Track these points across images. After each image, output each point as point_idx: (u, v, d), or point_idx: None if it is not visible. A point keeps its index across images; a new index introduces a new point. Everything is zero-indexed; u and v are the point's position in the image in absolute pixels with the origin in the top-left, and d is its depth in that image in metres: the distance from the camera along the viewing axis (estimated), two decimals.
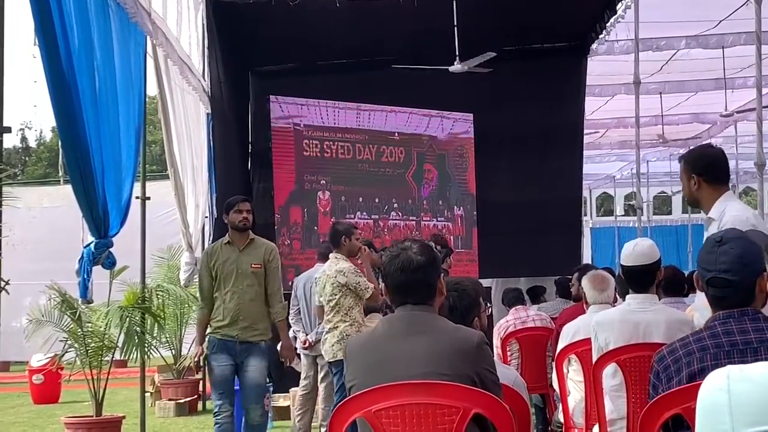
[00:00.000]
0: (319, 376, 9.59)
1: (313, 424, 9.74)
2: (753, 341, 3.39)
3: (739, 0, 11.48)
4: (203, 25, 11.63)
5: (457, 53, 12.06)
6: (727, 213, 4.83)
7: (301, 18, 11.60)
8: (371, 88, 13.64)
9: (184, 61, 10.47)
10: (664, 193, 32.35)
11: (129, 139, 8.27)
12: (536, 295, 11.37)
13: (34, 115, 67.94)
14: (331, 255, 8.79)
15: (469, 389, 3.70)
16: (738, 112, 17.64)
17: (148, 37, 8.89)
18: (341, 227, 8.99)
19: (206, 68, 11.69)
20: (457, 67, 12.18)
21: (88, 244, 7.61)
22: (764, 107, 9.45)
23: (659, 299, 5.97)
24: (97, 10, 7.50)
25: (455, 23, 11.72)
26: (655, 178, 28.58)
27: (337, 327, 8.39)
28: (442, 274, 4.14)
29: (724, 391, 2.35)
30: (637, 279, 5.67)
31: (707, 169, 5.06)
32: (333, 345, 8.37)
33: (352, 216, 13.12)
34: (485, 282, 12.42)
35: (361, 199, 13.61)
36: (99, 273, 7.81)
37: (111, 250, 7.65)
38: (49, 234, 19.09)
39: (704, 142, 23.03)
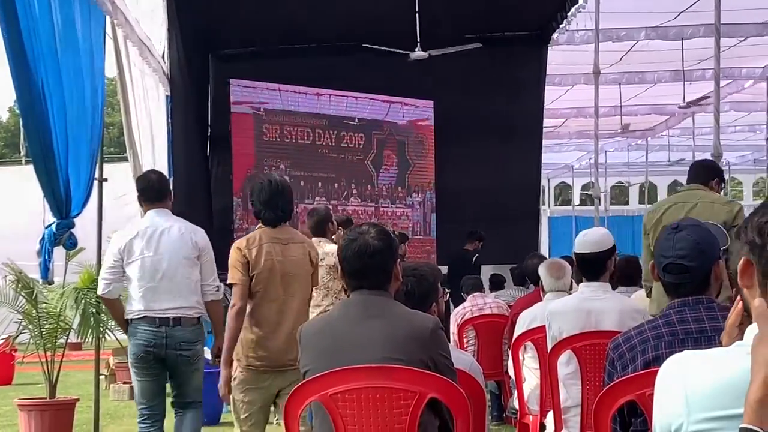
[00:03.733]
0: None
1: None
2: (707, 329, 3.42)
3: None
4: (164, 6, 11.54)
5: (418, 40, 12.07)
6: None
7: (262, 2, 11.55)
8: (332, 74, 13.61)
9: (143, 42, 10.33)
10: (622, 183, 32.57)
11: (90, 120, 8.18)
12: (496, 283, 11.40)
13: None
14: (313, 239, 8.76)
15: (425, 374, 3.70)
16: (696, 104, 17.77)
17: (107, 17, 8.81)
18: (324, 212, 8.91)
19: (166, 50, 11.60)
20: (418, 53, 12.18)
21: (50, 225, 7.54)
22: (722, 99, 9.54)
23: (614, 288, 6.02)
24: None
25: (417, 9, 11.73)
26: (613, 168, 28.74)
27: (328, 311, 8.29)
28: (399, 260, 4.15)
29: (679, 375, 2.37)
30: (588, 266, 5.71)
31: None
32: None
33: (311, 201, 13.12)
34: (444, 269, 12.44)
35: (320, 184, 13.61)
36: (55, 254, 7.74)
37: (72, 230, 7.58)
38: (7, 215, 18.93)
39: (662, 133, 23.24)
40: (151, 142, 10.92)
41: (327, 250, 8.45)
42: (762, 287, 2.34)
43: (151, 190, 6.89)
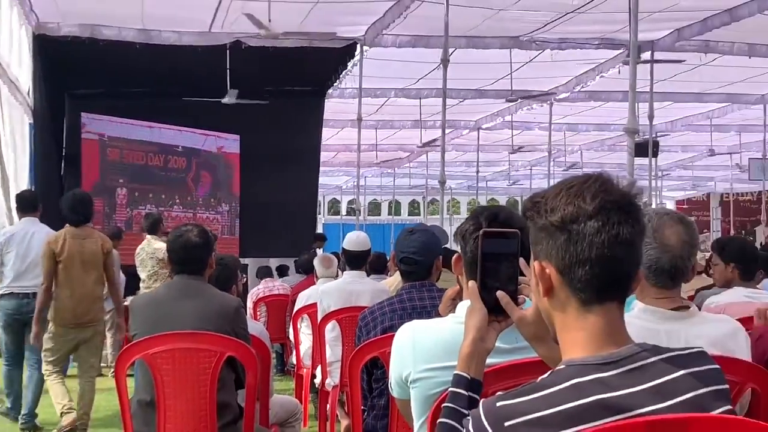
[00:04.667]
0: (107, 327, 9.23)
1: (102, 364, 9.36)
2: (428, 306, 3.52)
3: (432, 65, 11.83)
4: (29, 55, 11.07)
5: (228, 88, 11.98)
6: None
7: (108, 54, 11.18)
8: (161, 112, 13.28)
9: (12, 81, 10.02)
10: (376, 200, 33.07)
11: None
12: (282, 271, 11.38)
13: None
14: (148, 236, 8.79)
15: (224, 337, 3.67)
16: (429, 145, 18.24)
17: None
18: (157, 216, 9.29)
19: (31, 89, 11.14)
20: (228, 99, 12.08)
21: None
22: (447, 143, 9.79)
23: (368, 275, 6.11)
24: None
25: (228, 66, 11.63)
26: (370, 189, 29.19)
27: None
28: (213, 253, 4.11)
29: (410, 338, 2.41)
30: (354, 260, 5.79)
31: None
32: None
33: (143, 207, 12.83)
34: (244, 260, 12.35)
35: (150, 195, 13.29)
36: None
37: None
38: None
39: (405, 165, 23.65)
40: (14, 162, 10.44)
41: (157, 246, 8.41)
42: (468, 274, 2.42)
43: (26, 203, 7.15)
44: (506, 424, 1.54)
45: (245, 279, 10.87)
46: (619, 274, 1.61)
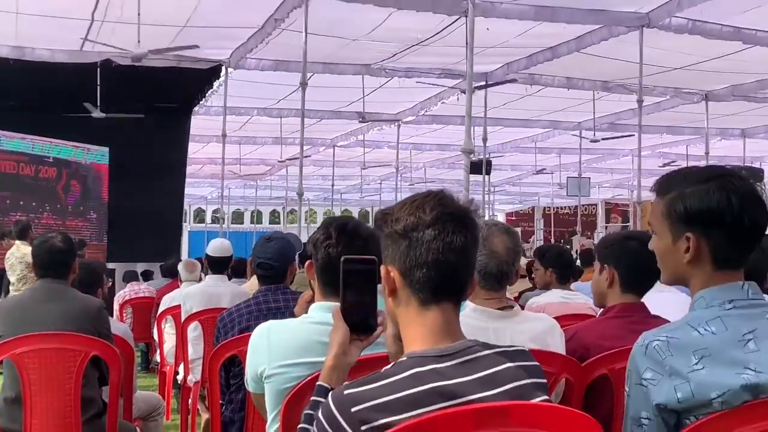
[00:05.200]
0: None
1: None
2: (282, 307, 3.49)
3: (291, 87, 11.78)
4: None
5: (98, 104, 11.59)
6: None
7: None
8: (34, 124, 12.65)
9: None
10: (239, 209, 32.65)
11: None
12: (147, 276, 11.03)
13: None
14: (17, 242, 8.37)
15: (88, 338, 3.52)
16: (288, 160, 18.17)
17: None
18: (26, 222, 8.93)
19: None
20: (97, 114, 11.68)
21: None
22: (305, 158, 9.77)
23: (229, 279, 6.01)
24: None
25: (98, 83, 11.26)
26: (234, 200, 28.80)
27: None
28: (77, 258, 3.94)
29: (265, 336, 2.38)
30: (217, 265, 5.69)
31: None
32: None
33: (15, 214, 12.19)
34: (112, 264, 11.93)
35: (21, 203, 12.65)
36: None
37: None
38: None
39: (267, 177, 23.44)
40: None
41: (26, 251, 8.02)
42: (319, 278, 2.43)
43: None
44: (353, 409, 1.57)
45: (111, 282, 10.50)
46: (453, 278, 1.68)
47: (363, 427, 1.55)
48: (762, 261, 2.96)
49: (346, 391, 1.60)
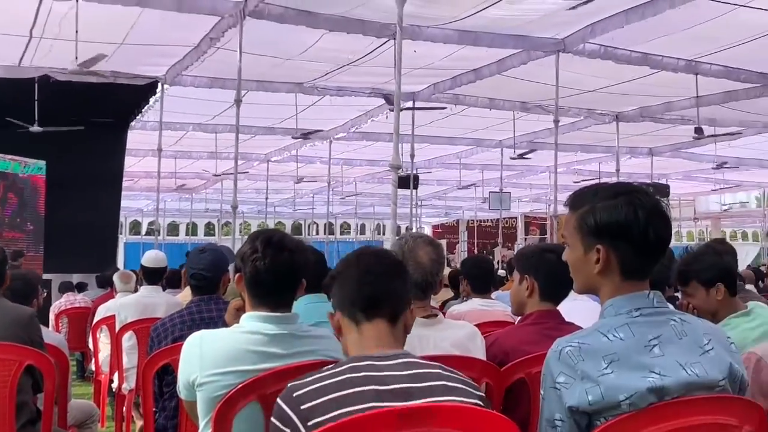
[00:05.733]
0: None
1: None
2: (215, 317, 3.44)
3: (226, 104, 11.67)
4: None
5: (36, 118, 11.29)
6: None
7: None
8: None
9: None
10: (175, 222, 32.13)
11: None
12: (81, 288, 10.74)
13: None
14: None
15: (23, 347, 3.40)
16: (223, 174, 17.97)
17: None
18: None
19: None
20: (35, 128, 11.38)
21: None
22: (239, 172, 9.67)
23: (164, 290, 5.91)
24: None
25: (36, 98, 10.98)
26: (169, 212, 28.34)
27: None
28: (11, 269, 3.81)
29: (197, 345, 2.35)
30: (151, 276, 5.58)
31: None
32: None
33: None
34: (48, 275, 11.59)
35: None
36: None
37: None
38: None
39: (202, 191, 23.07)
40: None
41: None
42: (248, 290, 2.42)
43: None
44: (302, 407, 1.71)
45: (46, 293, 10.20)
46: (379, 303, 1.96)
47: (309, 423, 1.70)
48: (664, 272, 3.05)
49: (294, 393, 1.76)
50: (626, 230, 1.85)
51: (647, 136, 15.22)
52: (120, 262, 18.99)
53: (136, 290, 6.66)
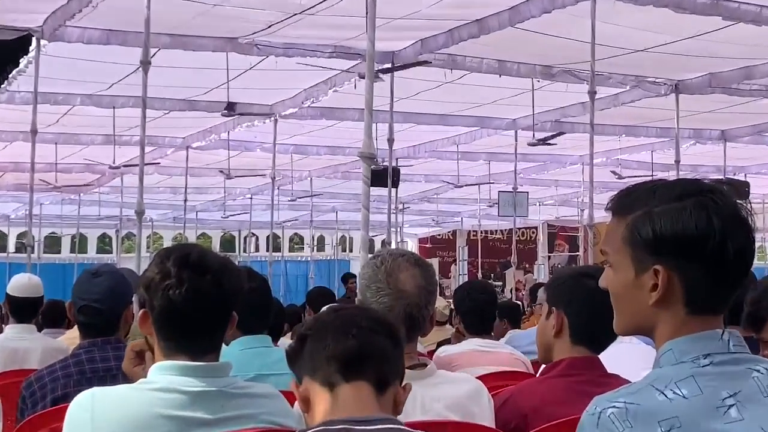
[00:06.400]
0: None
1: None
2: (113, 368, 3.41)
3: (130, 67, 11.63)
4: None
5: None
6: None
7: None
8: None
9: None
10: (55, 233, 31.91)
11: None
12: None
13: None
14: None
15: None
16: (124, 166, 17.89)
17: None
18: None
19: None
20: None
21: None
22: (146, 163, 9.65)
23: (39, 330, 5.89)
24: None
25: None
26: (47, 220, 28.12)
27: None
28: None
29: (88, 410, 2.34)
30: (21, 309, 5.56)
31: None
32: None
33: None
34: None
35: None
36: None
37: None
38: None
39: (94, 190, 23.02)
40: None
41: None
42: (159, 332, 2.42)
43: None
44: None
45: None
46: (363, 360, 2.10)
47: None
48: (740, 300, 3.07)
49: None
50: (697, 244, 1.85)
51: (718, 114, 15.34)
52: None
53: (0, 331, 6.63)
